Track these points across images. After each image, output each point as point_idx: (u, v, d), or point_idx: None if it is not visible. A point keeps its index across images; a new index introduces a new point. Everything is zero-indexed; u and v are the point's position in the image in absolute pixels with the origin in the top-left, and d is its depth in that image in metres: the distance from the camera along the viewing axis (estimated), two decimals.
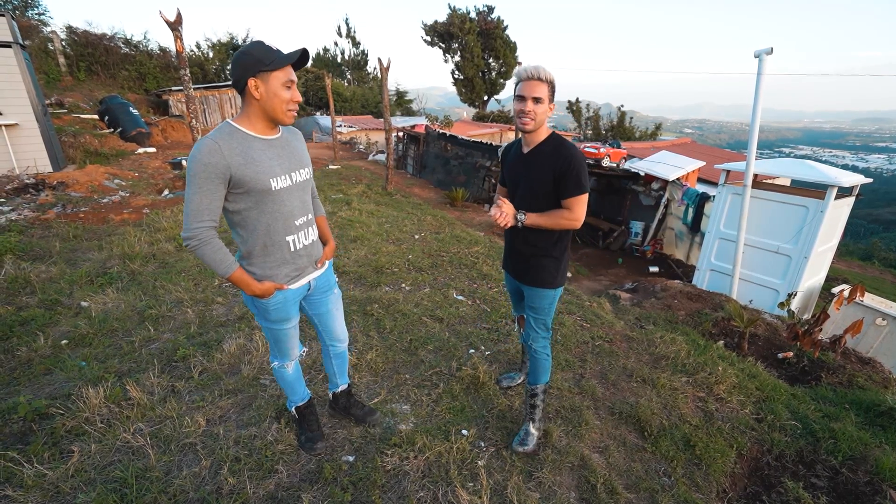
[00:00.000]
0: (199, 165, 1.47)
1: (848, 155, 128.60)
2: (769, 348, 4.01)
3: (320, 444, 2.20)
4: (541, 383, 2.32)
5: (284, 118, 1.60)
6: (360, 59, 31.99)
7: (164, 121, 13.47)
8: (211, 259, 1.57)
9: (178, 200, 6.80)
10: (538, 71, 1.88)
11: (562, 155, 1.94)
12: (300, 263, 1.82)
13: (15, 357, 2.89)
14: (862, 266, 17.61)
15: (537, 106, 1.91)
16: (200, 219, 1.52)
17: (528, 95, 1.90)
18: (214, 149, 1.48)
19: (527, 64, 1.93)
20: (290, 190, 1.69)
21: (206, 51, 21.96)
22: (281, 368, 2.08)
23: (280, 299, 1.79)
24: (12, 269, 3.98)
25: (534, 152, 2.02)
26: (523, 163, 2.05)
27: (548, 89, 1.91)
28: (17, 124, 6.97)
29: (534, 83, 1.89)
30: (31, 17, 16.27)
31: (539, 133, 2.00)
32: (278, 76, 1.52)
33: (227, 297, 3.87)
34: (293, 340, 2.00)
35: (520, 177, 2.07)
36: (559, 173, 1.93)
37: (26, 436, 2.21)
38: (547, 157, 1.97)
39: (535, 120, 1.92)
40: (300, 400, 2.23)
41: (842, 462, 2.44)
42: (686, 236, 9.15)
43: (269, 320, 1.85)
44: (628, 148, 13.77)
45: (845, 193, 5.65)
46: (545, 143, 2.00)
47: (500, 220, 1.92)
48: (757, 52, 5.43)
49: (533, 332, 2.25)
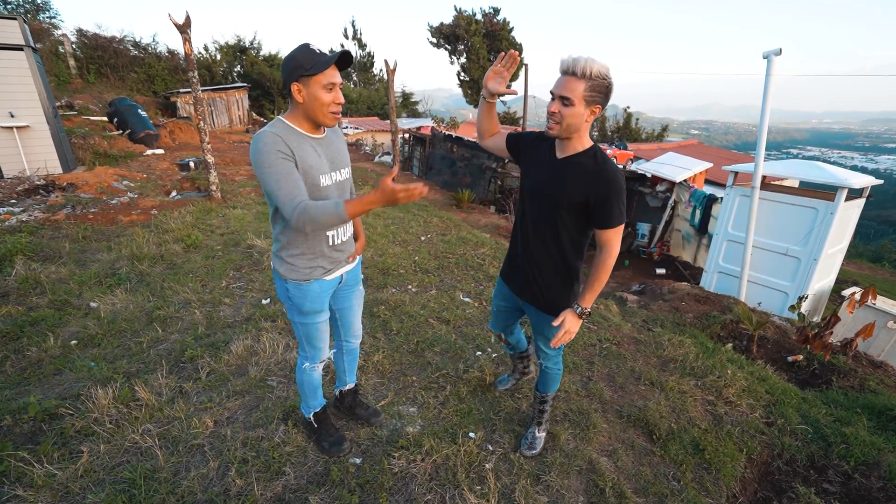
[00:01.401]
0: (271, 154, 1.51)
1: (857, 156, 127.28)
2: (779, 351, 3.97)
3: (346, 444, 2.20)
4: (551, 392, 2.29)
5: (326, 120, 1.64)
6: (367, 60, 32.11)
7: (172, 122, 13.58)
8: (320, 212, 1.49)
9: (185, 202, 6.84)
10: (575, 64, 1.51)
11: (602, 178, 1.62)
12: (336, 257, 1.86)
13: (25, 357, 2.92)
14: (872, 268, 17.40)
15: (566, 108, 1.57)
16: (294, 196, 1.52)
17: (555, 93, 1.58)
18: (277, 139, 1.53)
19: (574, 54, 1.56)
20: (332, 188, 1.74)
21: (214, 53, 22.14)
22: (311, 370, 2.06)
23: (317, 289, 1.82)
24: (23, 269, 4.03)
25: (570, 162, 1.70)
26: (553, 169, 1.74)
27: (585, 89, 1.53)
28: (28, 126, 7.06)
29: (566, 80, 1.55)
30: (43, 21, 16.47)
31: (577, 141, 1.69)
32: (319, 80, 1.55)
33: (235, 298, 3.89)
34: (325, 336, 1.99)
35: (543, 182, 1.77)
36: (597, 199, 1.63)
37: (36, 436, 2.23)
38: (585, 174, 1.66)
39: (560, 124, 1.60)
40: (318, 406, 2.20)
41: (854, 467, 2.40)
42: (693, 238, 9.09)
43: (304, 312, 1.85)
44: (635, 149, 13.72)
45: (855, 195, 5.58)
46: (584, 155, 1.68)
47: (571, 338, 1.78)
48: (765, 53, 5.39)
49: (543, 353, 2.12)
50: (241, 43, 22.54)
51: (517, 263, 1.99)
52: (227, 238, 5.35)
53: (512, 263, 2.04)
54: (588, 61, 1.50)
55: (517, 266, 1.99)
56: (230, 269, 4.47)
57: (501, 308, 2.22)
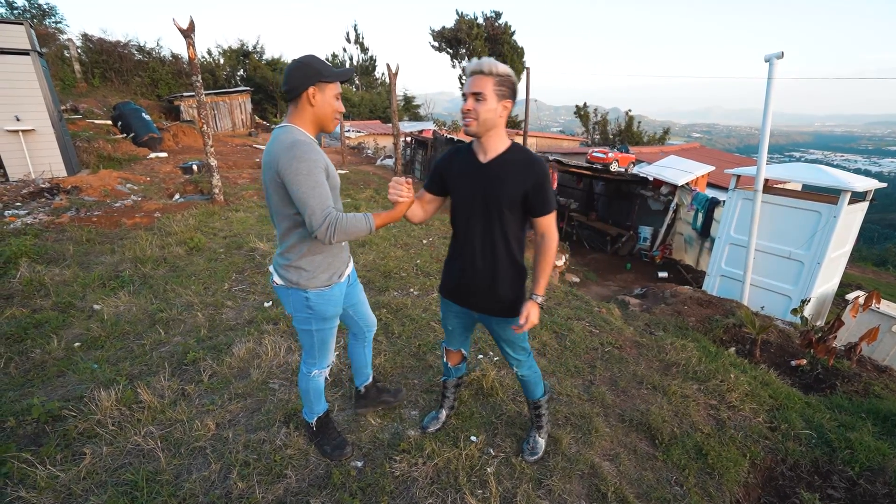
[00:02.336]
0: (311, 162, 1.58)
1: (860, 159, 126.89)
2: (782, 355, 3.95)
3: (348, 448, 2.21)
4: (541, 396, 2.26)
5: (331, 126, 1.76)
6: (369, 64, 32.25)
7: (175, 126, 13.65)
8: (353, 224, 1.62)
9: (188, 205, 6.87)
10: (481, 64, 1.63)
11: (535, 168, 1.72)
12: (346, 259, 1.95)
13: (29, 359, 2.93)
14: (876, 272, 17.31)
15: (479, 104, 1.64)
16: (327, 204, 1.60)
17: (467, 91, 1.66)
18: (317, 149, 1.65)
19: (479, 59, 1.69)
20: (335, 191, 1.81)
21: (217, 57, 22.27)
22: (318, 377, 2.07)
23: (338, 292, 1.89)
24: (27, 271, 4.05)
25: (497, 163, 1.75)
26: (482, 174, 1.77)
27: (493, 84, 1.63)
28: (33, 130, 7.10)
29: (476, 78, 1.64)
30: (49, 26, 16.62)
31: (497, 140, 1.75)
32: (333, 88, 1.67)
33: (237, 301, 3.90)
34: (333, 341, 2.04)
35: (477, 189, 1.78)
36: (534, 188, 1.72)
37: (39, 437, 2.24)
38: (516, 169, 1.73)
39: (476, 120, 1.66)
40: (322, 410, 2.19)
41: (859, 473, 2.39)
42: (695, 241, 9.08)
43: (328, 318, 1.89)
44: (636, 153, 13.71)
45: (859, 198, 5.57)
46: (509, 153, 1.76)
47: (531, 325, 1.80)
48: (767, 56, 5.39)
49: (515, 360, 2.07)
50: (244, 47, 22.68)
51: (466, 280, 1.92)
52: (229, 241, 5.37)
53: (459, 281, 1.95)
54: (492, 61, 1.63)
55: (466, 282, 1.93)
56: (232, 272, 4.48)
57: (456, 327, 2.12)
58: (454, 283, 1.98)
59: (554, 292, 4.62)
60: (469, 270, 1.89)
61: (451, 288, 2.01)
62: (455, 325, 2.11)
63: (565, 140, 25.26)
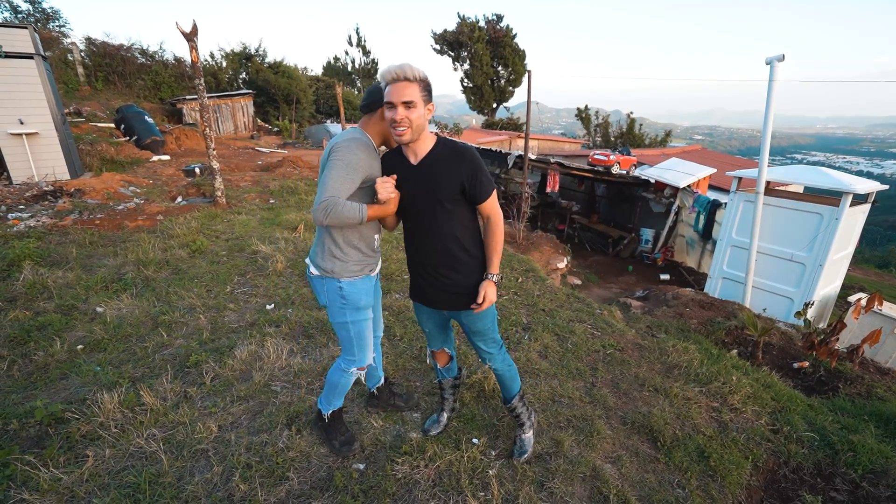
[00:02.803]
0: (354, 157, 1.71)
1: (862, 161, 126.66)
2: (784, 358, 3.95)
3: (356, 444, 2.26)
4: (515, 394, 2.23)
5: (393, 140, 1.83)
6: (371, 67, 32.33)
7: (178, 129, 13.70)
8: (345, 211, 1.67)
9: (191, 207, 6.90)
10: (403, 70, 1.61)
11: (465, 158, 1.75)
12: (376, 259, 2.04)
13: (32, 362, 2.94)
14: (879, 274, 17.26)
15: (410, 111, 1.64)
16: (335, 192, 1.68)
17: (396, 101, 1.62)
18: (370, 149, 1.77)
19: (393, 63, 1.65)
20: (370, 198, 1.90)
21: (220, 60, 22.35)
22: (353, 376, 2.10)
23: (368, 284, 1.98)
24: (30, 274, 4.06)
25: (428, 162, 1.79)
26: (417, 175, 1.80)
27: (420, 89, 1.64)
28: (37, 133, 7.14)
29: (401, 85, 1.62)
30: (53, 30, 16.71)
31: (424, 140, 1.77)
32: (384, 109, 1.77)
33: (239, 303, 3.91)
34: (370, 336, 2.07)
35: (416, 190, 1.81)
36: (470, 178, 1.75)
37: (42, 440, 2.24)
38: (447, 163, 1.76)
39: (411, 128, 1.67)
40: (338, 406, 2.25)
41: (862, 475, 2.38)
42: (697, 244, 9.07)
43: (361, 308, 1.95)
44: (638, 155, 13.72)
45: (860, 200, 5.56)
46: (437, 149, 1.79)
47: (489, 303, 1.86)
48: (768, 59, 5.40)
49: (487, 354, 2.09)
50: (246, 50, 22.75)
51: (428, 281, 1.96)
52: (231, 244, 5.39)
53: (423, 283, 1.99)
54: (413, 66, 1.63)
55: (428, 283, 1.96)
56: (235, 275, 4.49)
57: (432, 328, 2.15)
58: (416, 284, 2.04)
59: (556, 294, 4.62)
60: (426, 270, 1.94)
61: (416, 290, 2.06)
62: (430, 326, 2.15)
63: (567, 142, 25.28)
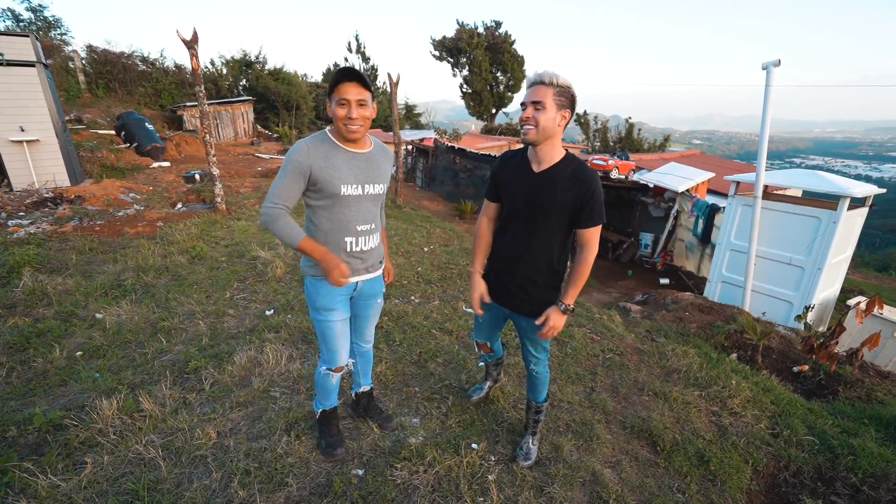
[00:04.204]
0: (289, 160, 1.75)
1: (861, 165, 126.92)
2: (784, 361, 3.94)
3: (340, 449, 2.25)
4: (543, 399, 2.29)
5: (343, 133, 1.79)
6: (370, 73, 32.43)
7: (178, 135, 13.75)
8: (282, 229, 1.76)
9: (190, 214, 6.91)
10: (542, 74, 1.71)
11: (585, 180, 1.75)
12: (354, 265, 1.97)
13: (31, 368, 2.94)
14: (878, 277, 17.25)
15: (539, 113, 1.70)
16: (277, 200, 1.76)
17: (528, 100, 1.73)
18: (303, 150, 1.76)
19: (538, 69, 1.77)
20: (359, 198, 1.88)
21: (220, 67, 22.44)
22: (326, 375, 2.11)
23: (328, 288, 1.93)
24: (30, 281, 4.07)
25: (549, 173, 1.80)
26: (535, 183, 1.82)
27: (554, 94, 1.69)
28: (38, 140, 7.17)
29: (536, 87, 1.71)
30: (54, 38, 16.81)
31: (552, 150, 1.79)
32: (333, 97, 1.73)
33: (238, 309, 3.91)
34: (340, 340, 2.04)
35: (528, 197, 1.85)
36: (582, 200, 1.75)
37: (41, 447, 2.24)
38: (567, 181, 1.77)
39: (536, 128, 1.72)
40: (328, 406, 2.26)
41: (862, 479, 2.37)
42: (696, 248, 9.07)
43: (317, 308, 1.96)
44: (637, 160, 13.74)
45: (858, 204, 5.58)
46: (563, 163, 1.80)
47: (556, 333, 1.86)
48: (765, 63, 5.44)
49: (534, 358, 2.16)
50: (246, 57, 22.85)
51: (505, 279, 2.02)
52: (231, 249, 5.39)
53: (498, 279, 2.05)
54: (553, 73, 1.70)
55: (505, 281, 2.02)
56: (234, 281, 4.50)
57: (487, 320, 2.23)
58: (492, 280, 2.08)
59: None
60: (508, 272, 1.99)
61: (489, 285, 2.09)
62: (486, 319, 2.22)
63: (566, 147, 25.31)
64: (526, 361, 2.21)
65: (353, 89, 1.71)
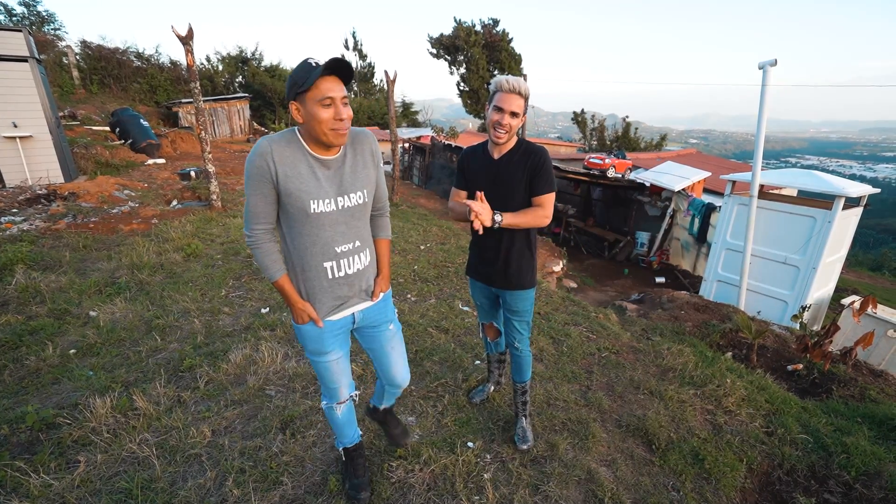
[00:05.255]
0: (250, 165, 1.45)
1: (855, 165, 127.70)
2: (778, 360, 3.96)
3: (364, 493, 1.98)
4: (528, 379, 2.40)
5: (330, 139, 1.45)
6: (367, 71, 32.38)
7: (173, 132, 13.66)
8: (261, 262, 1.58)
9: (185, 211, 6.87)
10: (520, 85, 1.90)
11: (535, 152, 2.02)
12: (341, 293, 1.65)
13: (24, 366, 2.91)
14: (872, 277, 17.39)
15: (514, 120, 1.94)
16: (256, 221, 1.53)
17: (507, 109, 1.91)
18: (265, 151, 1.43)
19: (507, 76, 1.94)
20: (332, 215, 1.55)
21: (216, 64, 22.33)
22: (329, 409, 1.90)
23: (315, 331, 1.66)
24: (23, 278, 4.03)
25: (506, 157, 2.06)
26: (496, 167, 2.07)
27: (524, 104, 1.96)
28: (31, 136, 7.11)
29: (514, 97, 1.91)
30: (48, 33, 16.67)
31: (509, 141, 2.05)
32: (313, 96, 1.38)
33: (234, 307, 3.89)
34: (337, 377, 1.79)
35: (492, 180, 2.08)
36: (533, 171, 2.00)
37: (33, 445, 2.22)
38: (521, 158, 2.03)
39: (509, 133, 1.97)
40: (349, 442, 2.05)
41: (855, 477, 2.39)
42: (692, 247, 9.11)
43: (307, 350, 1.73)
44: (633, 159, 13.77)
45: (853, 203, 5.61)
46: (517, 147, 2.07)
47: (478, 222, 1.83)
48: (761, 63, 5.45)
49: (518, 333, 2.30)
50: (242, 54, 22.75)
51: (489, 258, 2.20)
52: (226, 247, 5.37)
53: (483, 260, 2.24)
54: (524, 83, 1.91)
55: (489, 260, 2.20)
56: (230, 279, 4.47)
57: (484, 303, 2.42)
58: (478, 263, 2.29)
59: (551, 297, 4.63)
60: (492, 250, 2.17)
61: (473, 268, 2.33)
62: (482, 301, 2.41)
63: (563, 146, 25.37)
64: (510, 340, 2.33)
65: (337, 85, 1.40)
